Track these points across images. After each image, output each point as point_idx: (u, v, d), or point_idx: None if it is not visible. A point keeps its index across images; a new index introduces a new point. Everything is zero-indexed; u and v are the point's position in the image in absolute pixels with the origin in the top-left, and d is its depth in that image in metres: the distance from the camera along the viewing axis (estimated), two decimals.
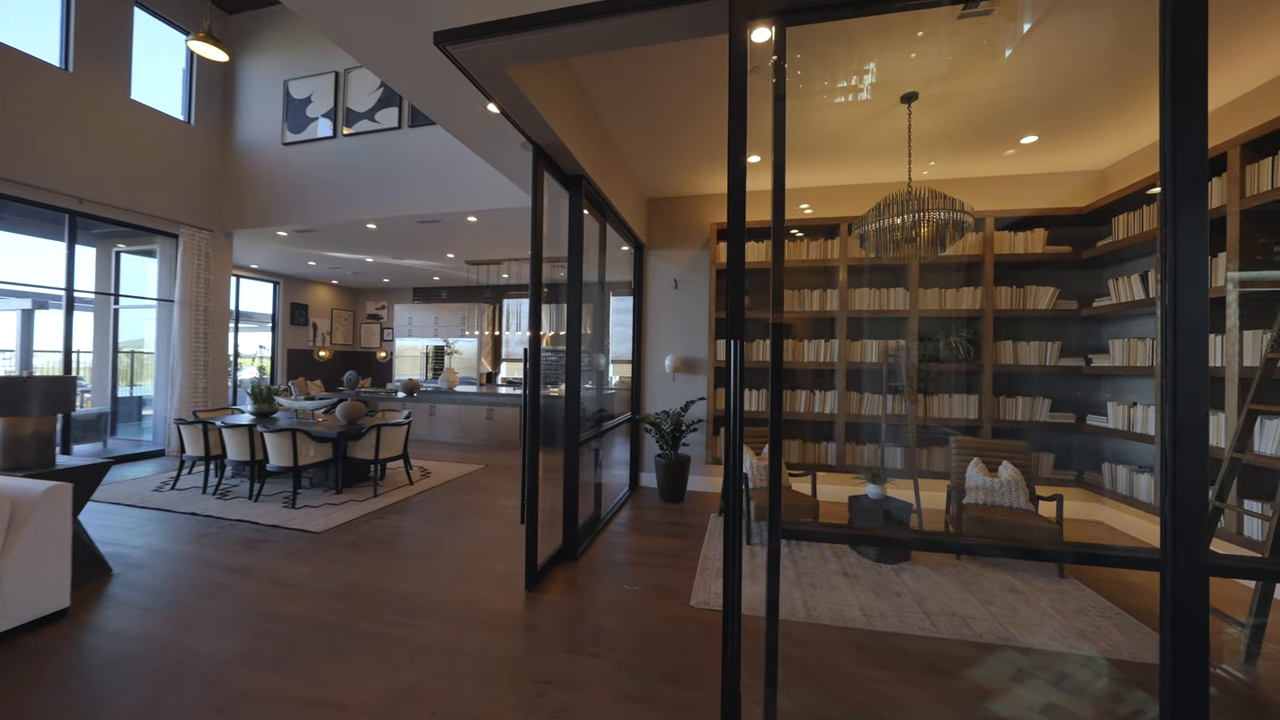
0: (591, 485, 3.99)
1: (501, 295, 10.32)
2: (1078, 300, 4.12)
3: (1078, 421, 4.00)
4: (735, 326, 1.57)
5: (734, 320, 1.58)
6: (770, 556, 1.59)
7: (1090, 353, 4.06)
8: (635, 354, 5.10)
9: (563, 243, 3.37)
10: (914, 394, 4.20)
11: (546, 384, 8.45)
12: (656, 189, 4.88)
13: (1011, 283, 4.31)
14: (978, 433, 4.14)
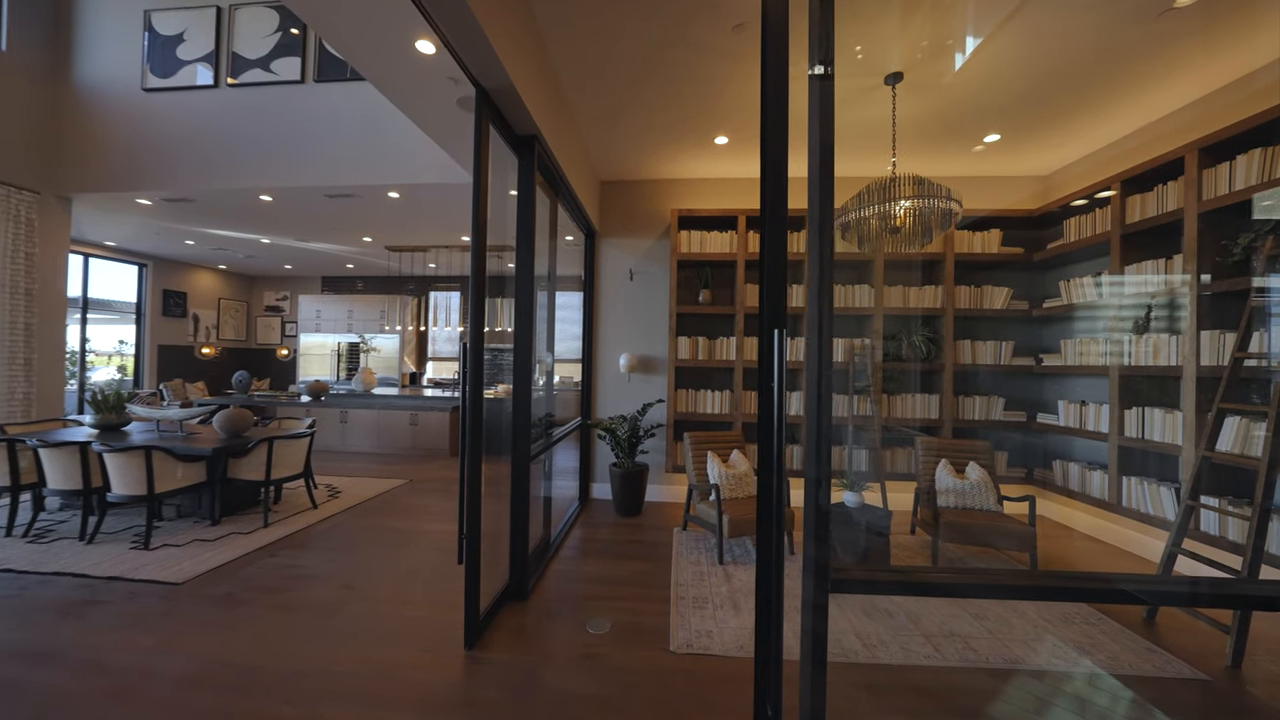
0: (541, 502, 3.46)
1: (428, 287, 9.34)
2: (1029, 301, 4.20)
3: (1029, 420, 4.07)
4: (777, 313, 1.17)
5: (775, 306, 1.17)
6: (810, 620, 1.20)
7: (1041, 352, 4.15)
8: (586, 352, 4.60)
9: (506, 225, 2.83)
10: (879, 394, 4.08)
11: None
12: (612, 170, 4.42)
13: (969, 282, 4.32)
14: (939, 432, 4.10)
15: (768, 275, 1.17)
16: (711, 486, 3.35)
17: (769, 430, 1.12)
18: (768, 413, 1.12)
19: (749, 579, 2.94)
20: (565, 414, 4.54)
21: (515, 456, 2.71)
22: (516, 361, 2.72)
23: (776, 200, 1.20)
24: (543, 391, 3.75)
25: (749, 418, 4.19)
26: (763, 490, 1.16)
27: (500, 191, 3.28)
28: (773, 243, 1.19)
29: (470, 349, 2.15)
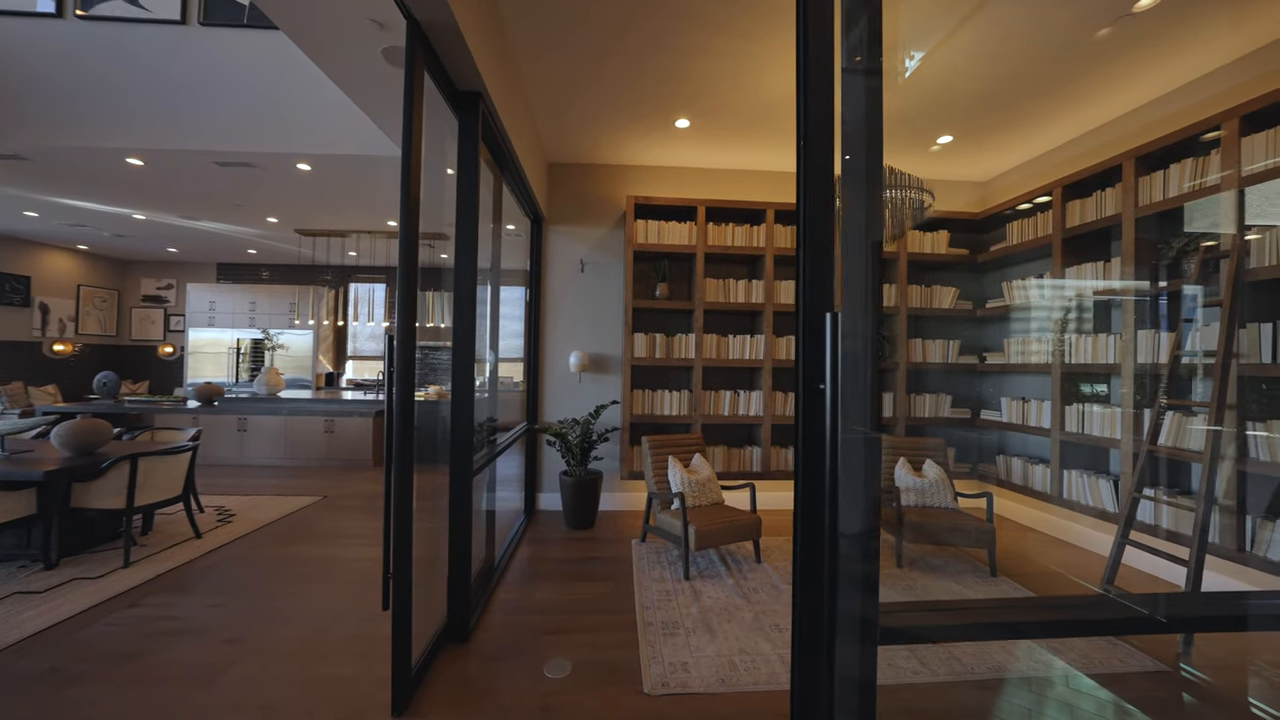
0: (484, 519, 3.04)
1: (348, 278, 8.40)
2: (973, 301, 4.34)
3: (973, 416, 4.20)
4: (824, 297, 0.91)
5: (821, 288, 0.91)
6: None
7: (984, 351, 4.29)
8: (532, 351, 4.20)
9: (443, 208, 2.41)
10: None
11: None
12: (563, 150, 4.05)
13: (919, 282, 4.40)
14: (893, 431, 4.12)
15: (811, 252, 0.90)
16: (674, 495, 3.09)
17: (818, 438, 0.86)
18: (816, 417, 0.86)
19: (718, 595, 2.71)
20: (509, 418, 4.11)
21: (455, 471, 2.29)
22: (456, 360, 2.31)
23: (821, 163, 0.94)
24: (486, 393, 3.32)
25: (709, 419, 3.99)
26: (808, 514, 0.90)
27: (436, 167, 2.84)
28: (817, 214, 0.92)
29: (398, 342, 1.73)
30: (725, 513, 3.14)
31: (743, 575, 2.98)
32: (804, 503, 0.89)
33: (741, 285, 4.05)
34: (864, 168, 0.93)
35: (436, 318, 7.33)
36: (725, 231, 4.04)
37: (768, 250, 4.00)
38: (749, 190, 4.36)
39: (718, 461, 4.02)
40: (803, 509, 0.89)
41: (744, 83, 3.01)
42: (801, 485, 0.90)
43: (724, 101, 3.22)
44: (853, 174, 0.96)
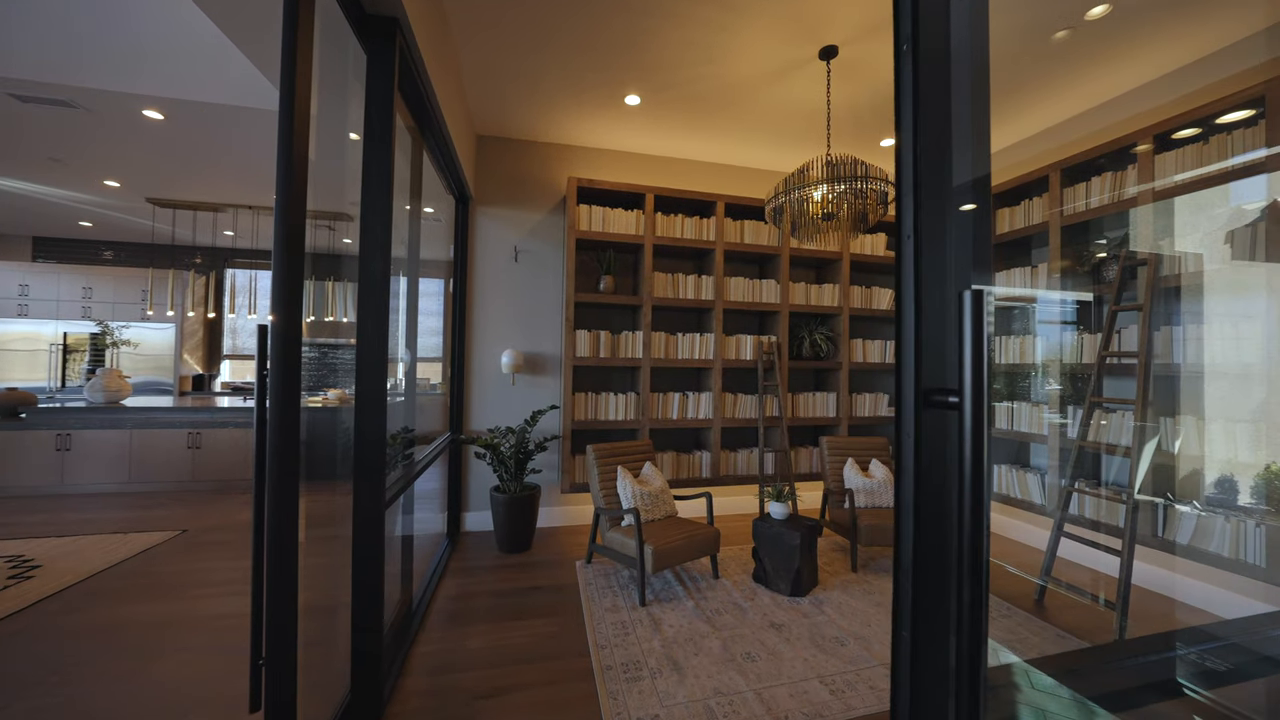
0: (398, 550, 2.51)
1: (223, 261, 7.08)
2: None
3: None
4: (939, 264, 0.63)
5: (937, 251, 0.64)
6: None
7: None
8: (456, 349, 3.66)
9: (345, 181, 1.90)
10: (786, 394, 3.94)
11: (302, 391, 5.99)
12: (496, 122, 3.56)
13: (859, 283, 4.46)
14: (836, 431, 4.12)
15: (928, 198, 0.63)
16: (627, 511, 2.77)
17: (937, 472, 0.59)
18: (936, 441, 0.58)
19: (680, 622, 2.43)
20: (429, 427, 3.54)
21: (362, 497, 1.78)
22: (363, 359, 1.80)
23: (935, 51, 0.67)
24: (403, 397, 2.77)
25: (657, 423, 3.71)
26: (928, 585, 0.62)
27: (335, 125, 2.29)
28: (933, 140, 0.65)
29: (276, 335, 1.23)
30: (682, 527, 2.87)
31: (702, 595, 2.73)
32: (924, 570, 0.61)
33: (691, 280, 3.82)
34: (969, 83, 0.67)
35: (339, 311, 6.37)
36: (674, 223, 3.79)
37: (718, 244, 3.81)
38: (698, 183, 4.15)
39: (666, 468, 3.75)
40: (921, 578, 0.62)
41: (709, 58, 2.76)
42: (913, 542, 0.62)
43: (683, 78, 2.95)
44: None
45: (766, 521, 2.89)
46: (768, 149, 3.91)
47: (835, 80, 2.95)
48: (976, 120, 0.66)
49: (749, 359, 3.92)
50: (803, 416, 4.04)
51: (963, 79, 0.69)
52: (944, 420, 0.63)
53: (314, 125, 2.24)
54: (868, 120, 3.43)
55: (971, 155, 0.66)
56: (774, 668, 2.07)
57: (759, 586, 2.84)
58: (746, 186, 4.25)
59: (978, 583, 0.54)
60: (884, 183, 2.50)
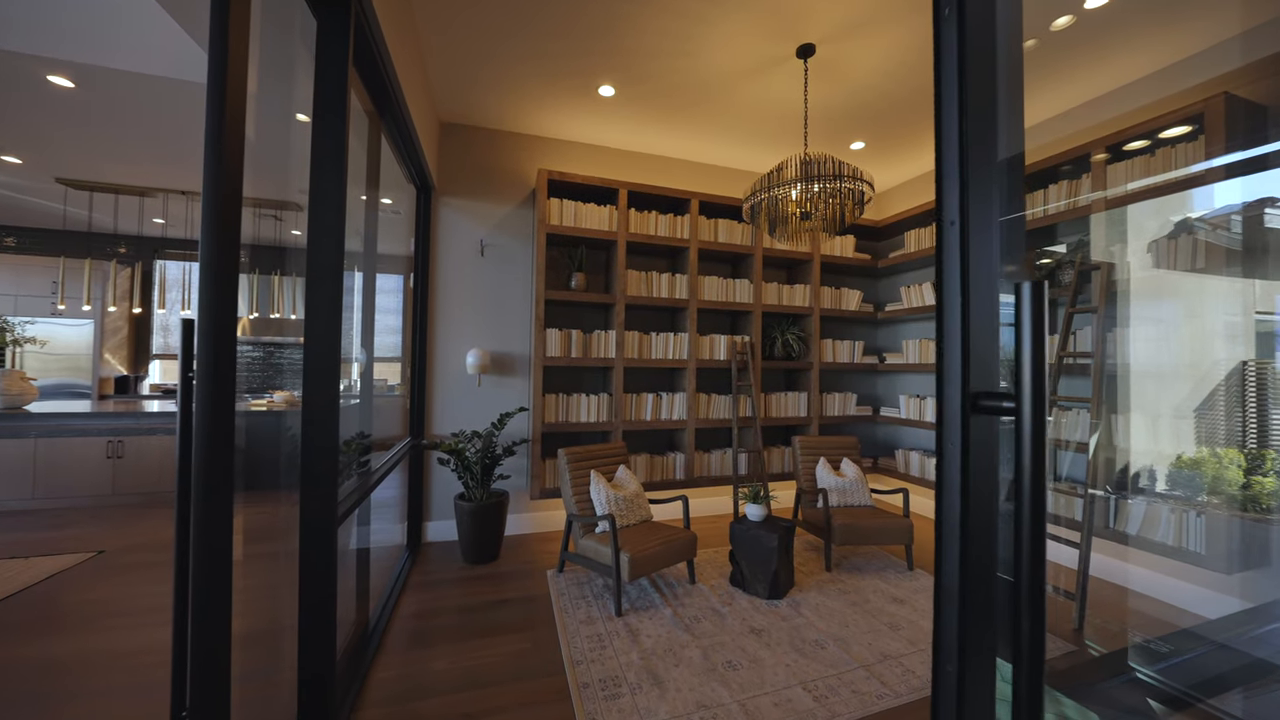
0: (352, 565, 2.31)
1: (153, 252, 6.48)
2: (874, 304, 4.57)
3: (874, 413, 4.40)
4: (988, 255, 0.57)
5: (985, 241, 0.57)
6: None
7: (884, 352, 4.54)
8: (417, 349, 3.45)
9: (289, 164, 1.71)
10: (759, 394, 3.93)
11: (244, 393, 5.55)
12: (462, 109, 3.37)
13: (828, 284, 4.51)
14: (807, 430, 4.15)
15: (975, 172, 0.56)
16: (602, 518, 2.66)
17: (988, 488, 0.52)
18: (986, 454, 0.52)
19: (659, 632, 2.35)
20: (388, 432, 3.32)
21: (310, 512, 1.60)
22: (308, 365, 1.62)
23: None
24: (358, 400, 2.57)
25: (630, 425, 3.62)
26: (971, 618, 0.56)
27: (280, 101, 2.09)
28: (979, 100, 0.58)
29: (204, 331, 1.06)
30: (658, 532, 2.78)
31: (679, 601, 2.65)
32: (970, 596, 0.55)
33: (665, 279, 3.75)
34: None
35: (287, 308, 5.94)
36: (647, 220, 3.71)
37: (692, 242, 3.76)
38: (672, 181, 4.09)
39: (640, 470, 3.67)
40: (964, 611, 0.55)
41: (686, 50, 2.68)
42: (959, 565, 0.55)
43: (659, 70, 2.87)
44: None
45: (743, 524, 2.85)
46: (742, 148, 3.88)
47: (811, 81, 2.94)
48: (1010, 92, 0.60)
49: (723, 359, 3.88)
50: (775, 416, 4.04)
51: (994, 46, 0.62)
52: (982, 428, 0.56)
53: (255, 101, 2.02)
54: (840, 123, 3.45)
55: (1007, 133, 0.60)
56: (756, 676, 2.02)
57: (736, 590, 2.80)
58: (720, 186, 4.22)
59: (1039, 615, 0.48)
60: (861, 182, 2.50)
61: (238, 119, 1.14)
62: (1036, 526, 0.48)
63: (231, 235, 1.12)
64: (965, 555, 0.54)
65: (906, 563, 3.14)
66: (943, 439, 0.57)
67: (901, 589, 2.85)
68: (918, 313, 4.02)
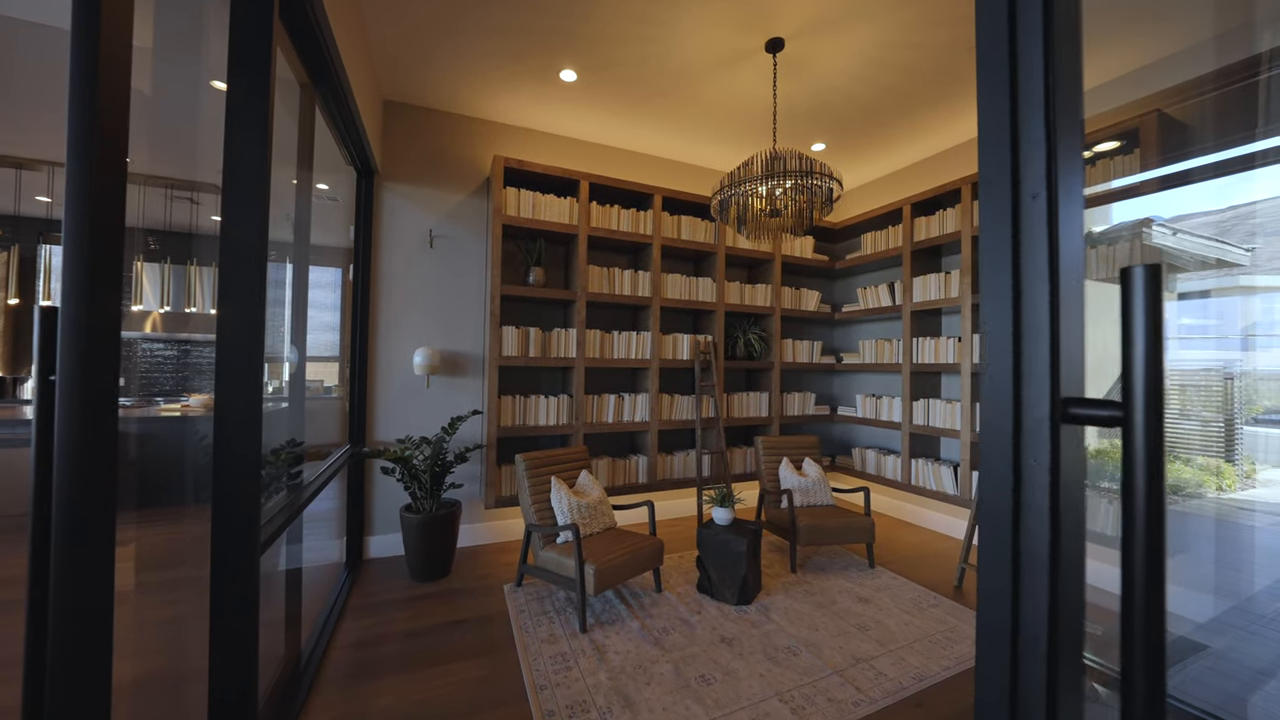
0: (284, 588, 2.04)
1: (36, 234, 5.63)
2: (831, 305, 4.65)
3: (832, 413, 4.48)
4: (1075, 238, 0.48)
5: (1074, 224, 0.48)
6: None
7: (841, 352, 4.62)
8: (357, 347, 3.14)
9: (197, 136, 1.46)
10: (722, 394, 3.88)
11: (148, 396, 4.93)
12: (411, 88, 3.09)
13: (788, 284, 4.54)
14: (769, 430, 4.15)
15: (1065, 135, 0.47)
16: (565, 527, 2.50)
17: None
18: (1075, 479, 0.43)
19: (627, 647, 2.22)
20: (323, 438, 2.99)
21: (227, 537, 1.35)
22: (225, 358, 1.37)
23: None
24: (288, 403, 2.27)
25: (592, 428, 3.47)
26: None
27: (185, 56, 1.82)
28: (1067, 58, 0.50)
29: (67, 321, 0.83)
30: (623, 540, 2.65)
31: (646, 613, 2.54)
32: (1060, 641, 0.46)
33: (627, 276, 3.62)
34: None
35: (206, 302, 5.32)
36: (609, 214, 3.57)
37: (655, 239, 3.65)
38: (634, 176, 3.97)
39: (602, 475, 3.52)
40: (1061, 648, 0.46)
41: (654, 36, 2.57)
42: (1049, 603, 0.46)
43: (625, 57, 2.74)
44: None
45: (710, 528, 2.77)
46: (706, 145, 3.82)
47: (779, 77, 2.91)
48: (1066, 42, 0.51)
49: (686, 359, 3.81)
50: (736, 417, 4.01)
51: None
52: (1078, 437, 0.48)
53: (153, 58, 1.74)
54: (802, 123, 3.46)
55: (1065, 93, 0.51)
56: (731, 690, 1.94)
57: (705, 597, 2.72)
58: (683, 182, 4.15)
59: (1158, 669, 0.39)
60: (830, 179, 2.48)
61: (117, 64, 0.91)
62: (1153, 564, 0.39)
63: (110, 203, 0.89)
64: (1055, 597, 0.45)
65: (868, 560, 3.18)
66: (1022, 453, 0.47)
67: (865, 588, 2.86)
68: (875, 314, 4.12)
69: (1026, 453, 0.47)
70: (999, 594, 0.50)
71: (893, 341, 3.96)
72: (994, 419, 0.52)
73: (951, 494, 3.46)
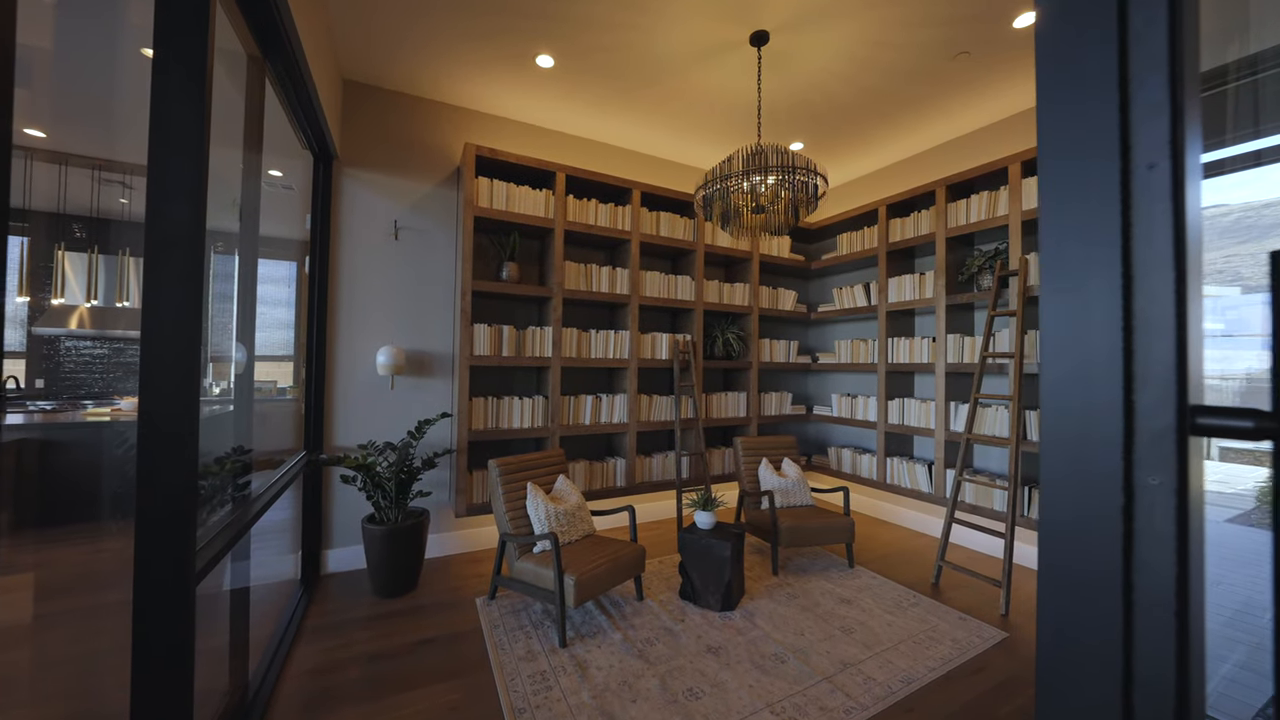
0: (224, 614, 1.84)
1: None
2: (807, 305, 4.66)
3: (807, 412, 4.49)
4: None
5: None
6: None
7: (817, 352, 4.64)
8: (314, 346, 2.91)
9: (111, 107, 1.28)
10: (701, 394, 3.82)
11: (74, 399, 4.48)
12: (374, 68, 2.89)
13: (766, 284, 4.53)
14: (747, 430, 4.12)
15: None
16: (543, 536, 2.37)
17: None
18: None
19: (610, 662, 2.12)
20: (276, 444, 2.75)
21: (153, 563, 1.16)
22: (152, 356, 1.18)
23: None
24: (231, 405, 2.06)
25: (568, 430, 3.34)
26: None
27: (105, 20, 1.63)
28: None
29: None
30: (604, 548, 2.55)
31: (629, 623, 2.44)
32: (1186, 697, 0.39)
33: (605, 273, 3.51)
34: None
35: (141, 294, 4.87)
36: (587, 208, 3.45)
37: (634, 235, 3.56)
38: (612, 170, 3.86)
39: (578, 479, 3.40)
40: None
41: (635, 23, 2.47)
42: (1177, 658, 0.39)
43: (605, 44, 2.63)
44: None
45: (693, 533, 2.70)
46: (686, 141, 3.75)
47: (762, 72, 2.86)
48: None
49: (664, 358, 3.72)
50: (715, 417, 3.96)
51: None
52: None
53: (58, 13, 1.52)
54: (781, 122, 3.43)
55: (1188, 40, 0.44)
56: (720, 703, 1.86)
57: (687, 604, 2.64)
58: (662, 178, 4.07)
59: None
60: (816, 175, 2.44)
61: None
62: None
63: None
64: (1186, 648, 0.37)
65: (847, 561, 3.18)
66: (1133, 470, 0.40)
67: (846, 588, 2.85)
68: (850, 314, 4.15)
69: (1140, 470, 0.40)
70: (1101, 650, 0.42)
71: (868, 341, 3.99)
72: (1073, 429, 0.45)
73: (926, 492, 3.50)
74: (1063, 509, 0.47)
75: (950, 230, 3.39)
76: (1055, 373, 0.48)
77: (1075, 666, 0.46)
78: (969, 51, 2.70)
